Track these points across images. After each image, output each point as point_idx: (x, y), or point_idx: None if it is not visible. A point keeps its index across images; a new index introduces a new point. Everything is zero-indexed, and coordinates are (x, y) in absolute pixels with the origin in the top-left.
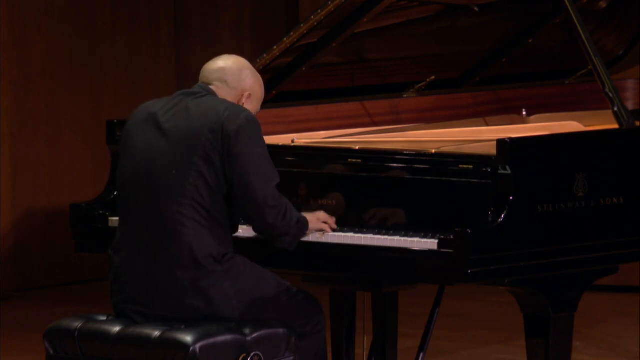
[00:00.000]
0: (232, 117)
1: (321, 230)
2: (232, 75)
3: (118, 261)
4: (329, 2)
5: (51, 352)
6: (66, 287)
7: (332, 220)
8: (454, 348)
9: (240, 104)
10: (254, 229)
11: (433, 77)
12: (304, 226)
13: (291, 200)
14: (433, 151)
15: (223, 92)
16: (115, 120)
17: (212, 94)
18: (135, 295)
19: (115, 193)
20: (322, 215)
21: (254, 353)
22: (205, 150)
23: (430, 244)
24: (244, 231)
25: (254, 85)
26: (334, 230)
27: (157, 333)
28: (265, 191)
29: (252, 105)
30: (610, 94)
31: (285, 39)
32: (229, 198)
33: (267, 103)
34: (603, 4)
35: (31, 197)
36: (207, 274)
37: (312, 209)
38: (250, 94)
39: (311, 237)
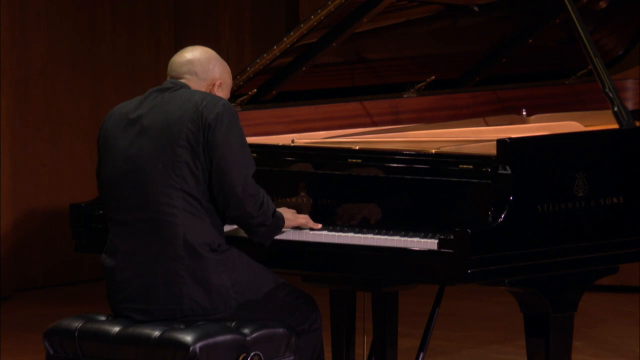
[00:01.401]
0: (210, 106)
1: (299, 227)
2: (200, 66)
3: (113, 263)
4: (329, 2)
5: (51, 352)
6: (66, 287)
7: (313, 224)
8: (454, 348)
9: (212, 93)
10: (231, 218)
11: (433, 77)
12: (280, 221)
13: (291, 200)
14: (433, 151)
15: (194, 84)
16: None
17: (185, 87)
18: (133, 293)
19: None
20: (302, 216)
21: (254, 353)
22: (188, 140)
23: (430, 244)
24: (242, 231)
25: (223, 73)
26: (324, 230)
27: (157, 333)
28: (244, 179)
29: (223, 92)
30: (610, 94)
31: (285, 39)
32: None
33: (267, 103)
34: (603, 4)
35: (31, 197)
36: (204, 263)
37: (312, 209)
38: (220, 82)
39: (312, 237)
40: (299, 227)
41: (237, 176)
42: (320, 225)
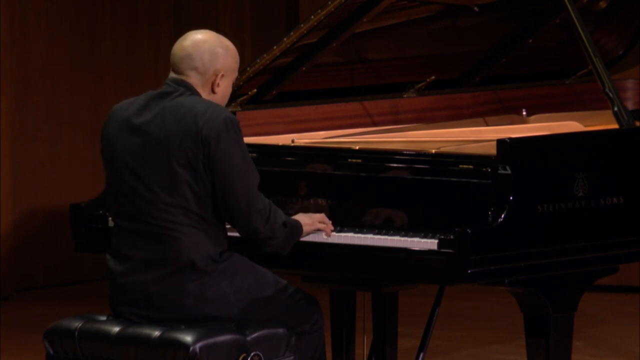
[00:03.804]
0: (211, 122)
1: (319, 230)
2: (200, 60)
3: (116, 266)
4: (329, 2)
5: (51, 352)
6: (66, 287)
7: (329, 225)
8: (454, 348)
9: (215, 84)
10: (239, 233)
11: (433, 77)
12: (294, 229)
13: (291, 200)
14: (433, 151)
15: (195, 80)
16: None
17: (187, 88)
18: (134, 298)
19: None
20: (319, 216)
21: (254, 353)
22: (187, 159)
23: (430, 244)
24: None
25: (225, 62)
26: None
27: (157, 333)
28: (248, 195)
29: (227, 80)
30: (610, 94)
31: (285, 39)
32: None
33: (267, 103)
34: (603, 4)
35: (31, 197)
36: (205, 275)
37: (312, 209)
38: (223, 74)
39: (312, 237)
40: (318, 230)
41: (241, 192)
42: (330, 233)
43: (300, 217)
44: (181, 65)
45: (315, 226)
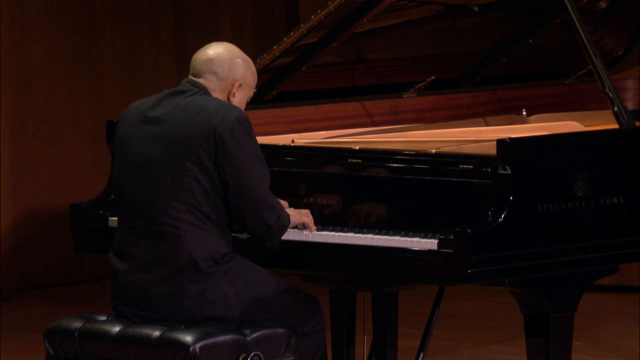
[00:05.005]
0: (224, 121)
1: (303, 224)
2: (221, 66)
3: (118, 265)
4: (329, 2)
5: (51, 352)
6: (66, 287)
7: (312, 224)
8: (454, 348)
9: (232, 93)
10: (247, 229)
11: (433, 77)
12: (289, 224)
13: (291, 200)
14: (433, 151)
15: (213, 85)
16: (116, 121)
17: (202, 89)
18: (136, 298)
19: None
20: (305, 211)
21: (254, 353)
22: (198, 155)
23: (430, 244)
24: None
25: (244, 74)
26: (324, 230)
27: (157, 333)
28: (263, 193)
29: (243, 92)
30: (610, 94)
31: (285, 39)
32: (225, 198)
33: (267, 103)
34: (603, 4)
35: (31, 197)
36: (207, 276)
37: (313, 209)
38: (240, 84)
39: (312, 237)
40: (302, 224)
41: (256, 190)
42: (314, 229)
43: (287, 210)
44: (201, 69)
45: (300, 219)
